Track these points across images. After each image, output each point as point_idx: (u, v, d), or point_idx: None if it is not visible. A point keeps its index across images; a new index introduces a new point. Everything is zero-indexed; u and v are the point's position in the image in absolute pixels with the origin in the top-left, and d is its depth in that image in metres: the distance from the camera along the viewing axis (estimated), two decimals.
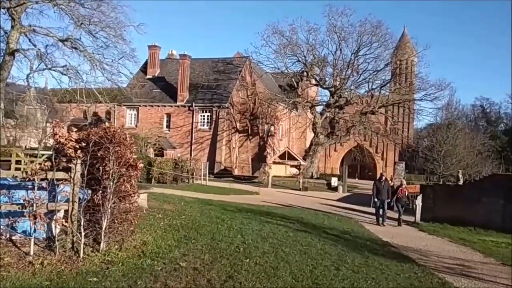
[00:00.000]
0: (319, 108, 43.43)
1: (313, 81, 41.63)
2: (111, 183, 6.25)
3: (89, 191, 6.57)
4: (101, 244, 6.12)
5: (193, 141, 40.97)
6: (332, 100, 39.46)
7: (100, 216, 6.18)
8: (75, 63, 24.13)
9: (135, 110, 43.05)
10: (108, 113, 46.62)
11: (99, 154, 6.53)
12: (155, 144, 35.81)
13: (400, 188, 15.88)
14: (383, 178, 16.04)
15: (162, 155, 36.29)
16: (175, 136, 41.61)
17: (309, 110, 41.11)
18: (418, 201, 17.01)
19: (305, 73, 41.56)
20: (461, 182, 25.38)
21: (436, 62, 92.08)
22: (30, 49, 23.11)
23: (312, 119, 40.36)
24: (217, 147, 39.87)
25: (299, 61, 39.16)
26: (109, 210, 6.26)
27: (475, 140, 39.44)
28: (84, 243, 6.27)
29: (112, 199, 6.30)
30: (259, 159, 41.67)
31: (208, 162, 35.97)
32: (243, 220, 10.34)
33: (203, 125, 41.16)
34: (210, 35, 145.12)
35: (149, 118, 42.26)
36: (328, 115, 41.41)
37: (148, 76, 45.32)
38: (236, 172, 40.59)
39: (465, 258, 10.20)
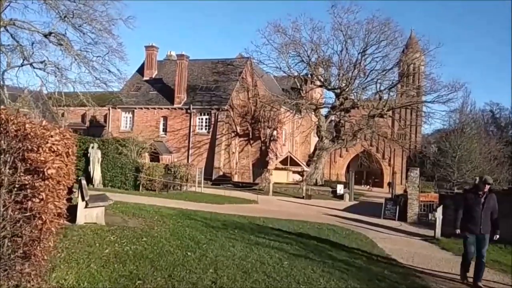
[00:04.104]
0: (324, 111, 41.19)
1: (318, 82, 39.41)
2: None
3: None
4: None
5: (190, 145, 38.82)
6: (337, 102, 37.15)
7: None
8: (62, 62, 22.42)
9: (130, 112, 40.95)
10: (106, 116, 44.72)
11: None
12: (149, 149, 33.56)
13: None
14: (486, 188, 7.62)
15: (158, 160, 34.19)
16: (172, 140, 39.47)
17: (313, 113, 38.87)
18: (439, 213, 14.79)
19: (309, 75, 39.44)
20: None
21: (442, 67, 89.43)
22: (11, 44, 21.60)
23: (317, 123, 38.12)
24: (215, 152, 37.65)
25: (302, 61, 36.99)
26: None
27: (490, 145, 36.97)
28: None
29: (1, 222, 4.10)
30: (260, 165, 39.38)
31: (205, 168, 33.81)
32: (225, 242, 7.98)
33: (201, 128, 38.99)
34: (211, 36, 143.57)
35: (145, 121, 40.18)
36: (333, 118, 39.17)
37: (145, 78, 43.33)
38: (235, 178, 38.29)
39: None
